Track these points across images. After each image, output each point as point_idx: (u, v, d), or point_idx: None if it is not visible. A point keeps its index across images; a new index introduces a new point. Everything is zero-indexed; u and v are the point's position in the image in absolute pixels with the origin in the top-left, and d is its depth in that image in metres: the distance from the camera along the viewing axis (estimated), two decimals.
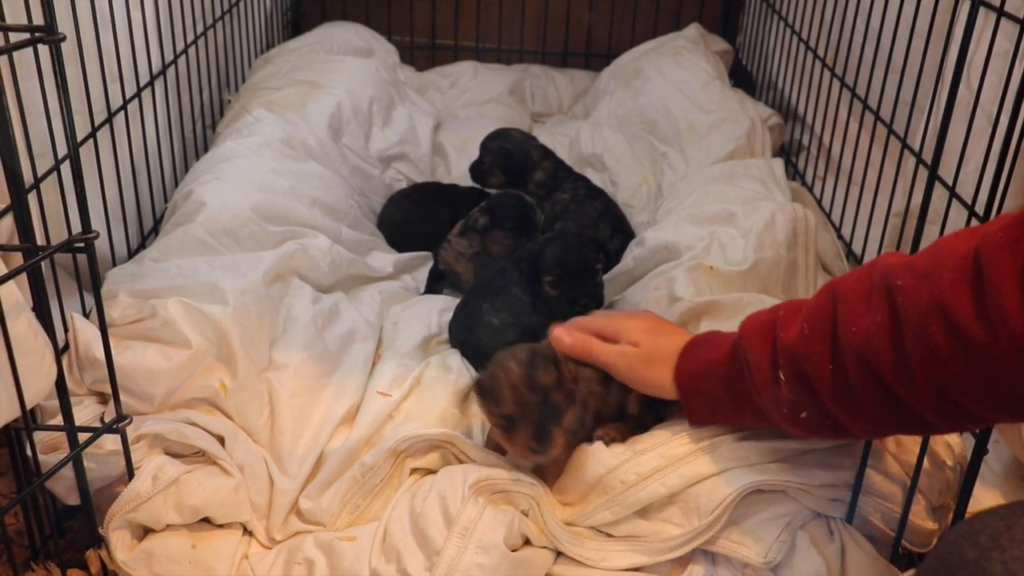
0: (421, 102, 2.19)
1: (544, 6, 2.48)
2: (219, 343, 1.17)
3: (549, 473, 1.10)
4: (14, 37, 0.85)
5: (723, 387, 0.98)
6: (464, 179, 1.96)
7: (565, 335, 1.09)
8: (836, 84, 1.72)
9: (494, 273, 1.43)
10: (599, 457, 1.05)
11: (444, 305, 1.48)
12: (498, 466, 1.08)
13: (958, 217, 1.18)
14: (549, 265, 1.36)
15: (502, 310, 1.37)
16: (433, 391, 1.25)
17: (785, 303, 0.97)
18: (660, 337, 1.07)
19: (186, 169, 1.62)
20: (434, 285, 1.60)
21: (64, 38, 0.84)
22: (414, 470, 1.14)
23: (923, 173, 1.30)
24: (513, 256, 1.44)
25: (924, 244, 1.12)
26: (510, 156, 1.79)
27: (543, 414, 0.99)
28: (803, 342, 0.88)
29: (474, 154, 1.95)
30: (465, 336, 1.37)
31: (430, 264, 1.64)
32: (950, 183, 1.18)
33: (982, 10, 1.06)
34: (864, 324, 0.83)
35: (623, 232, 1.69)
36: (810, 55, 1.87)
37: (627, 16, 2.47)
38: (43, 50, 0.87)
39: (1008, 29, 1.07)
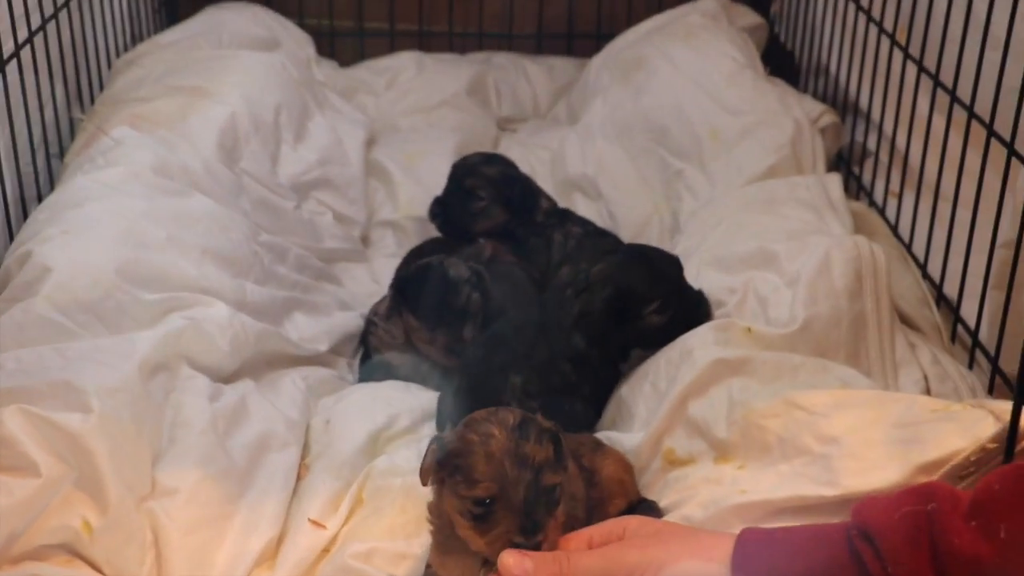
0: (348, 109, 2.20)
1: None
2: (79, 466, 1.15)
3: None
4: None
5: None
6: (415, 207, 1.97)
7: (525, 563, 0.97)
8: (912, 67, 1.72)
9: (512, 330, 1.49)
10: None
11: (393, 392, 1.49)
12: None
13: None
14: (648, 290, 1.44)
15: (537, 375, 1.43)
16: (377, 505, 1.26)
17: (925, 487, 0.90)
18: (685, 527, 1.02)
19: (24, 218, 1.60)
20: (369, 376, 1.61)
21: None
22: None
23: None
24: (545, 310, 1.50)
25: None
26: (514, 184, 1.82)
27: (534, 497, 0.98)
28: (1001, 554, 0.80)
29: (426, 176, 1.98)
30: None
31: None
32: None
33: None
34: None
35: None
36: (874, 28, 1.88)
37: None
38: None
39: None
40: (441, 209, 1.83)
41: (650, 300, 1.44)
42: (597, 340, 1.45)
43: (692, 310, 1.47)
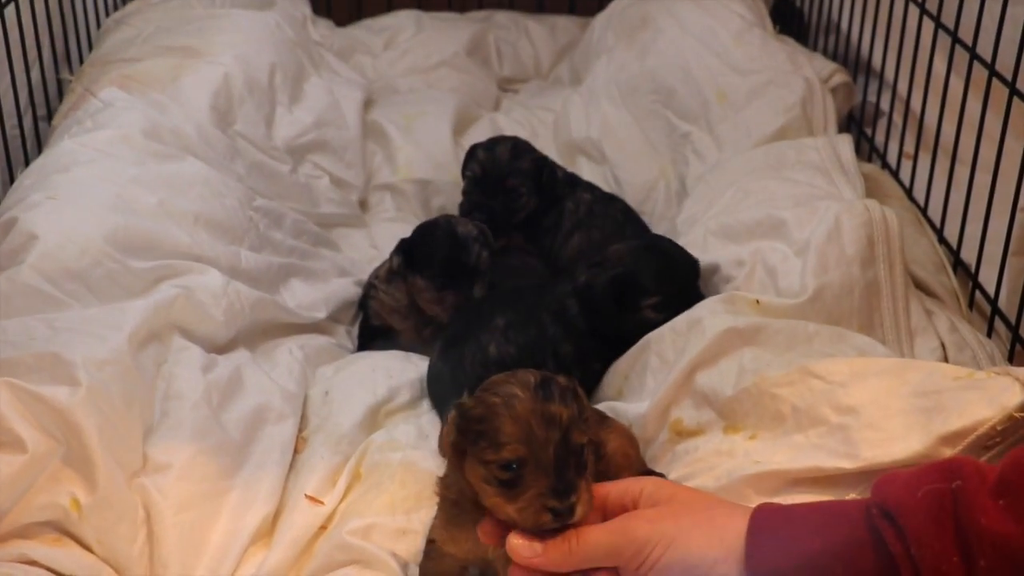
0: (345, 69, 2.20)
1: None
2: (67, 441, 1.14)
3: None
4: None
5: None
6: (414, 171, 1.97)
7: (534, 546, 0.96)
8: (928, 24, 1.70)
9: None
10: None
11: (393, 363, 1.49)
12: None
13: None
14: (652, 283, 1.44)
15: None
16: (376, 480, 1.27)
17: (949, 462, 0.88)
18: (700, 496, 1.01)
19: (10, 182, 1.58)
20: (368, 344, 1.63)
21: None
22: None
23: None
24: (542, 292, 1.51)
25: None
26: (542, 168, 1.81)
27: (564, 458, 0.95)
28: None
29: (425, 138, 1.98)
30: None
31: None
32: None
33: None
34: None
35: None
36: None
37: None
38: None
39: None
40: (488, 215, 1.76)
41: (651, 294, 1.44)
42: (591, 313, 1.46)
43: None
